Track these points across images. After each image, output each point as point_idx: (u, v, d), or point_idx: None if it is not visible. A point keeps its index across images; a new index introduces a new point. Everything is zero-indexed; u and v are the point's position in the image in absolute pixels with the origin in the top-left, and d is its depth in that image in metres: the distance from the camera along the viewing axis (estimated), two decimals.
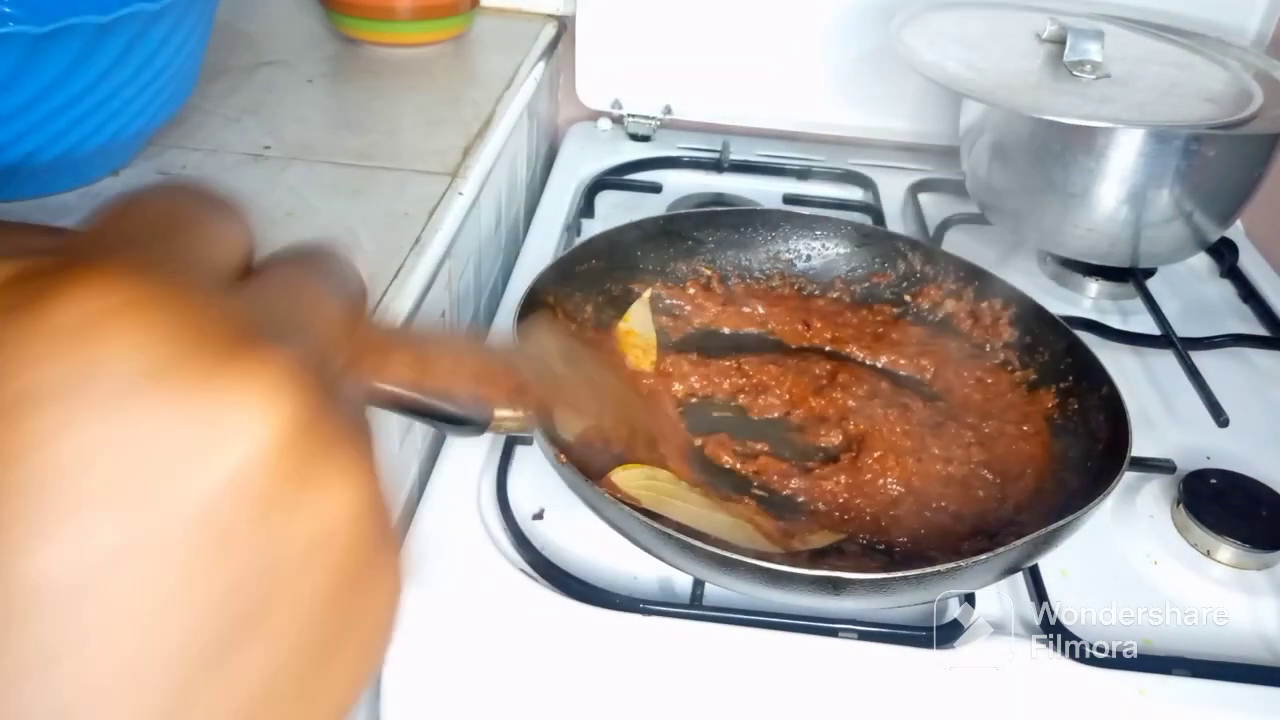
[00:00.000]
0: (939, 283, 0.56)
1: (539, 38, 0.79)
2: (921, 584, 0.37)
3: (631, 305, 0.54)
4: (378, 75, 0.70)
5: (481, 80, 0.70)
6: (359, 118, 0.64)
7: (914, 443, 0.47)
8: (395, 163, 0.58)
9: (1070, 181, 0.60)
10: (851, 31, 0.76)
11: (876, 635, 0.41)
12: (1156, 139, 0.57)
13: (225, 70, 0.66)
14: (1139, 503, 0.48)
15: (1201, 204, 0.60)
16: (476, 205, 0.60)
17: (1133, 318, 0.64)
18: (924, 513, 0.44)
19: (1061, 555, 0.42)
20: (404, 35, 0.74)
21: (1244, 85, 0.61)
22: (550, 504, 0.46)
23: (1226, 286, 0.69)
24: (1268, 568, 0.45)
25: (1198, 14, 0.71)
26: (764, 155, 0.79)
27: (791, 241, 0.59)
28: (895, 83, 0.78)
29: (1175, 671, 0.40)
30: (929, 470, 0.46)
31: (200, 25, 0.52)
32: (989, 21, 0.68)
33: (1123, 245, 0.62)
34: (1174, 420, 0.55)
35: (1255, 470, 0.49)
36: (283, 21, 0.77)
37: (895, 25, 0.65)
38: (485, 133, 0.63)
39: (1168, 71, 0.62)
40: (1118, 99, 0.58)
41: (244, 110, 0.62)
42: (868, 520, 0.44)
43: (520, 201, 0.76)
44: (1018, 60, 0.62)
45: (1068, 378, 0.49)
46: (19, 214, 0.50)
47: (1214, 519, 0.45)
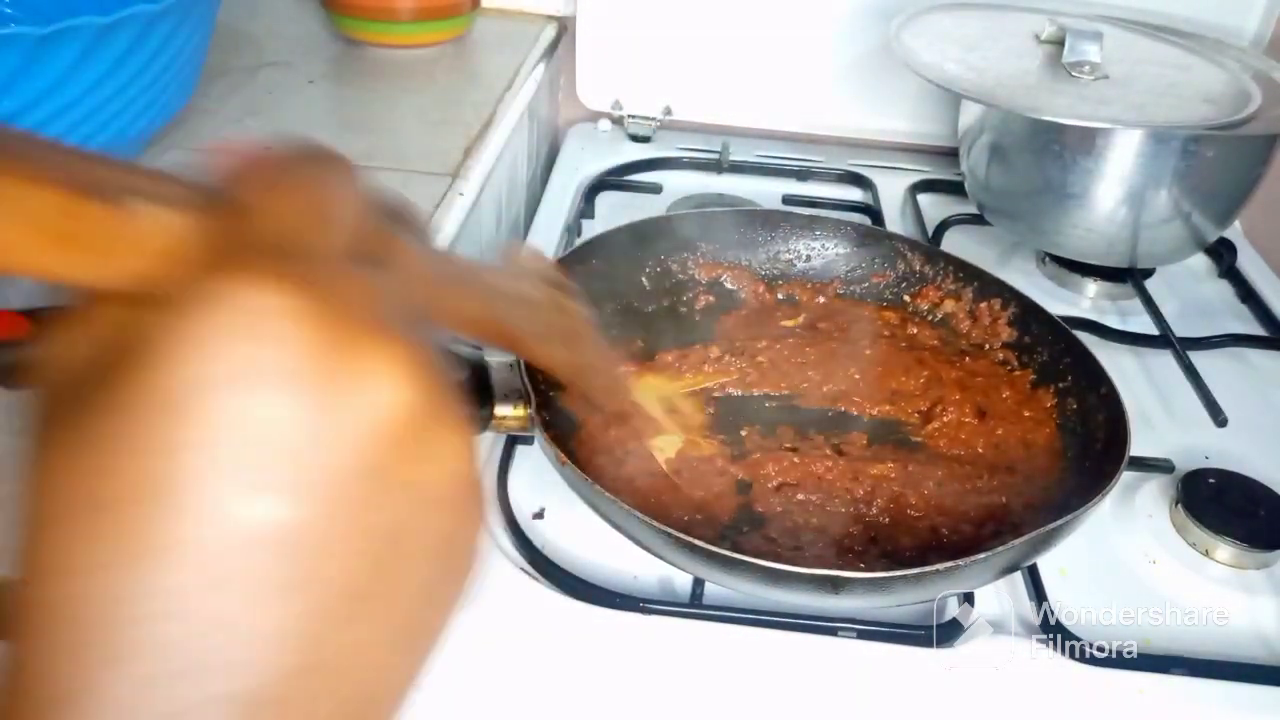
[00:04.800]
0: (938, 283, 0.57)
1: (539, 39, 0.79)
2: (921, 583, 0.37)
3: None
4: (379, 76, 0.70)
5: (482, 81, 0.71)
6: (360, 118, 0.64)
7: (925, 469, 0.46)
8: (396, 163, 0.58)
9: (1069, 182, 0.60)
10: (851, 32, 0.77)
11: (876, 634, 0.41)
12: (1155, 140, 0.58)
13: (226, 71, 0.66)
14: (1138, 502, 0.48)
15: (1200, 204, 0.60)
16: (477, 206, 0.60)
17: (1131, 318, 0.64)
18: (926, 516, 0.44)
19: (1060, 555, 0.43)
20: (405, 36, 0.74)
21: (1242, 86, 0.62)
22: (550, 503, 0.46)
23: (1225, 286, 0.69)
24: (1266, 567, 0.45)
25: (1196, 15, 0.71)
26: (763, 156, 0.79)
27: (791, 242, 0.59)
28: (894, 84, 0.78)
29: (1174, 671, 0.40)
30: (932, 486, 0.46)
31: (201, 26, 0.52)
32: (988, 22, 0.68)
33: (1121, 246, 0.62)
34: (1172, 420, 0.55)
35: (1254, 470, 0.49)
36: (284, 23, 0.77)
37: (894, 26, 0.65)
38: (486, 133, 0.63)
39: (1166, 72, 0.62)
40: (1116, 100, 0.58)
41: (245, 111, 0.62)
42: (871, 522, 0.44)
43: (521, 202, 0.77)
44: (1016, 61, 0.62)
45: (1066, 378, 0.49)
46: None
47: (1212, 519, 0.46)
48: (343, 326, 0.15)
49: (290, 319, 0.14)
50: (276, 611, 0.15)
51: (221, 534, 0.14)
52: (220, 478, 0.14)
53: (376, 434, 0.15)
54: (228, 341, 0.14)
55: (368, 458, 0.15)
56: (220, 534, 0.14)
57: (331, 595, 0.15)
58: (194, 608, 0.14)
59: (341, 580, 0.15)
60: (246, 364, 0.14)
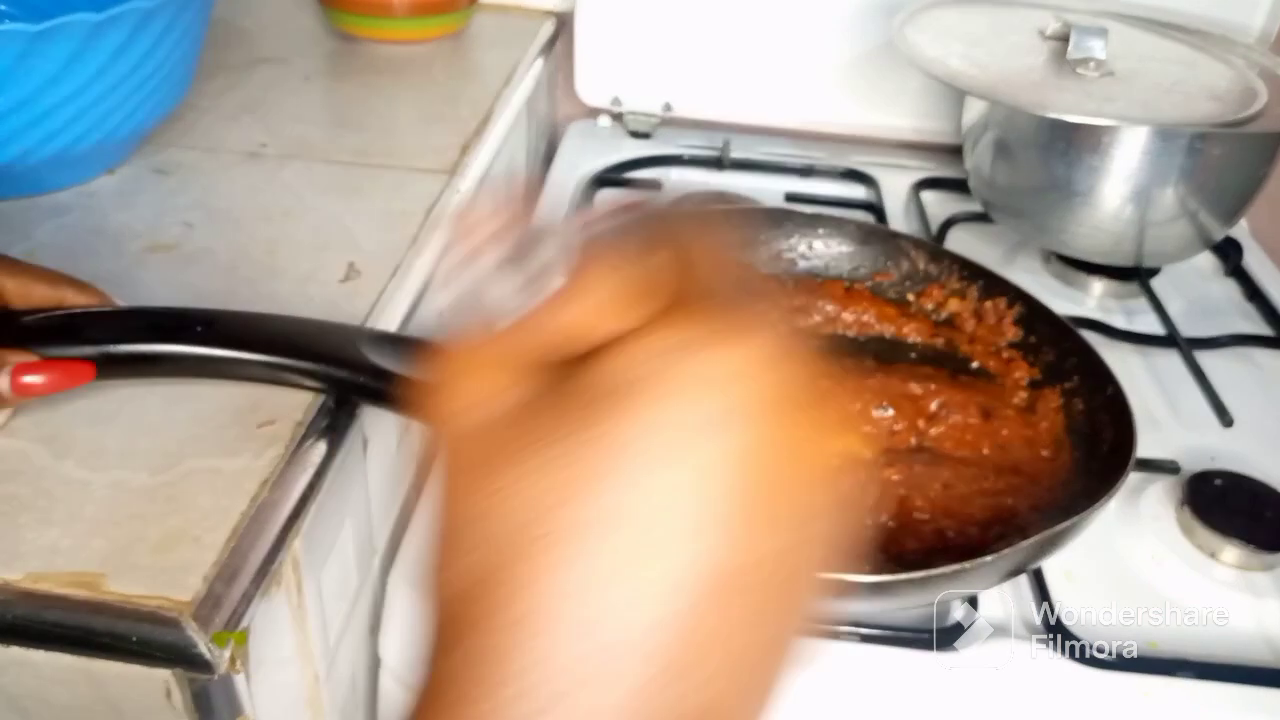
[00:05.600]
0: (942, 282, 0.56)
1: (538, 34, 0.78)
2: (924, 586, 0.36)
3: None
4: (375, 72, 0.70)
5: (480, 77, 0.70)
6: (356, 115, 0.63)
7: (931, 468, 0.46)
8: (393, 160, 0.58)
9: (1074, 180, 0.60)
10: (854, 28, 0.76)
11: (878, 638, 0.40)
12: (1161, 137, 0.57)
13: (222, 67, 0.66)
14: (1143, 504, 0.48)
15: (1206, 203, 0.60)
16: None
17: (1137, 317, 0.64)
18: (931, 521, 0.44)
19: (1065, 557, 0.42)
20: (401, 32, 0.73)
21: (1248, 83, 0.61)
22: None
23: (1231, 286, 0.69)
24: (1272, 569, 0.45)
25: (1202, 11, 0.70)
26: (765, 153, 0.79)
27: (793, 240, 0.58)
28: (898, 80, 0.77)
29: (1179, 673, 0.40)
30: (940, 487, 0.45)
31: (196, 22, 0.52)
32: (992, 18, 0.67)
33: (1127, 244, 0.62)
34: (1178, 421, 0.54)
35: (1260, 471, 0.48)
36: (280, 18, 0.77)
37: (898, 22, 0.64)
38: (483, 130, 0.62)
39: (1172, 69, 0.62)
40: (1121, 97, 0.58)
41: (241, 108, 0.62)
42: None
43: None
44: (1021, 57, 0.62)
45: (1072, 378, 0.49)
46: (14, 213, 0.50)
47: (1218, 520, 0.45)
48: (790, 367, 0.17)
49: (762, 375, 0.16)
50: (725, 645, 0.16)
51: (679, 568, 0.15)
52: (697, 516, 0.15)
53: (814, 466, 0.17)
54: (700, 390, 0.16)
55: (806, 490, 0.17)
56: (678, 569, 0.15)
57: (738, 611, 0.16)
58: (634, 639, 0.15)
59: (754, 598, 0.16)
60: (711, 415, 0.16)
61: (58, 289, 0.37)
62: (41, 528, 0.33)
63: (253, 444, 0.36)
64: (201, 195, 0.53)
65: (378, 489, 0.46)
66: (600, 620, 0.15)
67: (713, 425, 0.16)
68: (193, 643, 0.30)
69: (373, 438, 0.44)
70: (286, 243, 0.49)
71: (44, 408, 0.37)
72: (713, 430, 0.16)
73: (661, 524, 0.15)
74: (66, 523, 0.33)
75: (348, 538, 0.42)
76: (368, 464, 0.44)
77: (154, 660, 0.31)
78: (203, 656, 0.30)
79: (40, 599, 0.31)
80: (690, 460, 0.16)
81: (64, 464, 0.35)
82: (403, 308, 0.47)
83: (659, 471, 0.15)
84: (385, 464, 0.47)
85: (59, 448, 0.36)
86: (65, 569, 0.31)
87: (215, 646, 0.30)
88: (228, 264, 0.47)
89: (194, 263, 0.47)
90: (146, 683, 0.31)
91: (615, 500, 0.15)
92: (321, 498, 0.37)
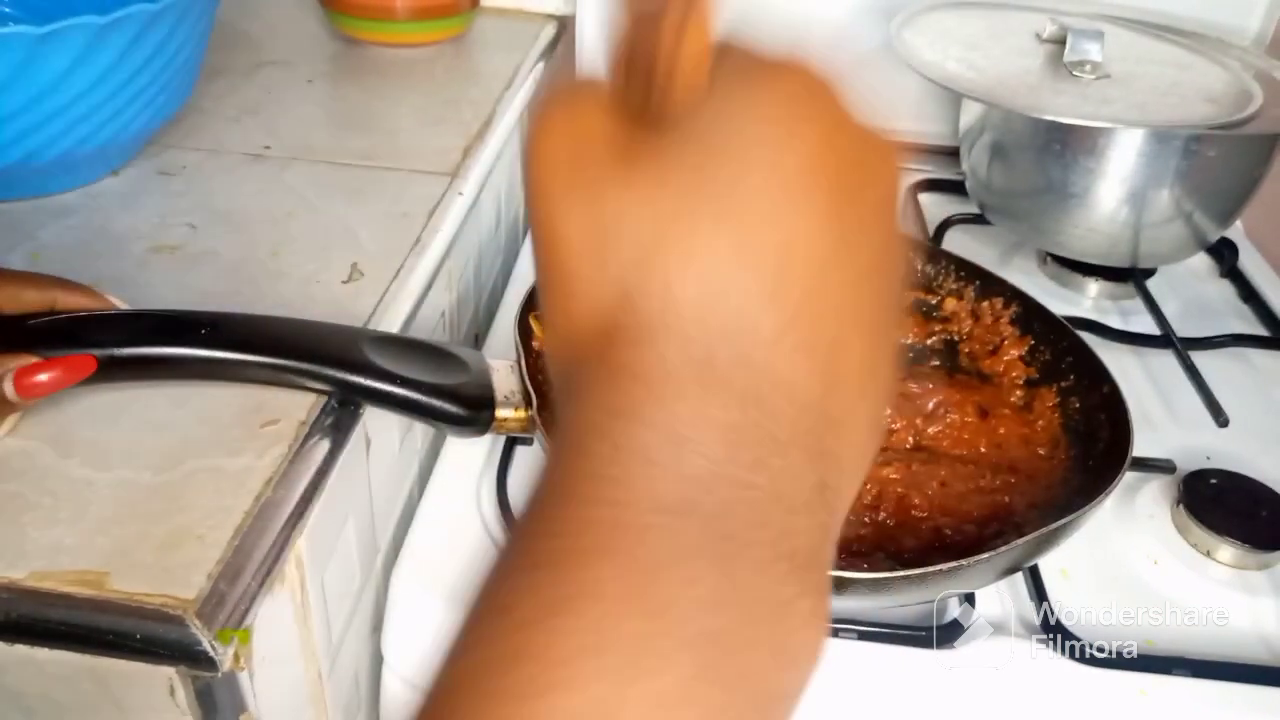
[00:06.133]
0: (939, 282, 0.56)
1: (539, 38, 0.79)
2: (922, 583, 0.37)
3: None
4: (378, 75, 0.70)
5: (481, 80, 0.70)
6: (359, 118, 0.64)
7: (928, 467, 0.46)
8: (395, 163, 0.58)
9: (1070, 181, 0.60)
10: (851, 31, 0.76)
11: (876, 635, 0.41)
12: (1156, 139, 0.57)
13: (225, 70, 0.66)
14: (1139, 503, 0.48)
15: (1201, 204, 0.60)
16: (476, 205, 0.60)
17: (1133, 318, 0.64)
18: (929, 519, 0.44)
19: (1062, 555, 0.42)
20: (404, 35, 0.74)
21: (1244, 85, 0.61)
22: None
23: (1226, 286, 0.69)
24: (1268, 568, 0.45)
25: (1198, 14, 0.71)
26: None
27: None
28: (895, 82, 0.78)
29: (1176, 672, 0.40)
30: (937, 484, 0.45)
31: (200, 25, 0.52)
32: (989, 21, 0.68)
33: (1123, 245, 0.62)
34: (1174, 420, 0.55)
35: (1255, 470, 0.49)
36: (283, 21, 0.77)
37: (895, 25, 0.65)
38: (485, 133, 0.63)
39: (1168, 72, 0.62)
40: (1118, 99, 0.58)
41: (244, 110, 0.62)
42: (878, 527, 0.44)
43: (520, 201, 0.76)
44: (1018, 60, 0.62)
45: (1068, 377, 0.49)
46: (19, 214, 0.50)
47: (1214, 519, 0.45)
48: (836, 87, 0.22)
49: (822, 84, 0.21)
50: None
51: (775, 234, 0.18)
52: (795, 196, 0.19)
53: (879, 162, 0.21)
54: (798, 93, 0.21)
55: (868, 183, 0.21)
56: (774, 234, 0.18)
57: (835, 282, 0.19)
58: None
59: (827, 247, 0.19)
60: (819, 105, 0.21)
61: (47, 291, 0.37)
62: (46, 526, 0.33)
63: (256, 443, 0.37)
64: (205, 197, 0.53)
65: (380, 488, 0.46)
66: (733, 285, 0.18)
67: (794, 134, 0.19)
68: (196, 640, 0.30)
69: (375, 437, 0.44)
70: (290, 244, 0.50)
71: (49, 407, 0.37)
72: (795, 138, 0.19)
73: (769, 204, 0.18)
74: (71, 521, 0.33)
75: (350, 536, 0.42)
76: (370, 463, 0.44)
77: (158, 658, 0.31)
78: (206, 654, 0.30)
79: (45, 597, 0.31)
80: (783, 160, 0.19)
81: (68, 463, 0.35)
82: (406, 308, 0.47)
83: (758, 170, 0.19)
84: (388, 463, 0.47)
85: (64, 447, 0.36)
86: (70, 567, 0.31)
87: (219, 644, 0.31)
88: (231, 265, 0.48)
89: (198, 264, 0.48)
90: (150, 680, 0.32)
91: (729, 195, 0.18)
92: (324, 496, 0.37)
